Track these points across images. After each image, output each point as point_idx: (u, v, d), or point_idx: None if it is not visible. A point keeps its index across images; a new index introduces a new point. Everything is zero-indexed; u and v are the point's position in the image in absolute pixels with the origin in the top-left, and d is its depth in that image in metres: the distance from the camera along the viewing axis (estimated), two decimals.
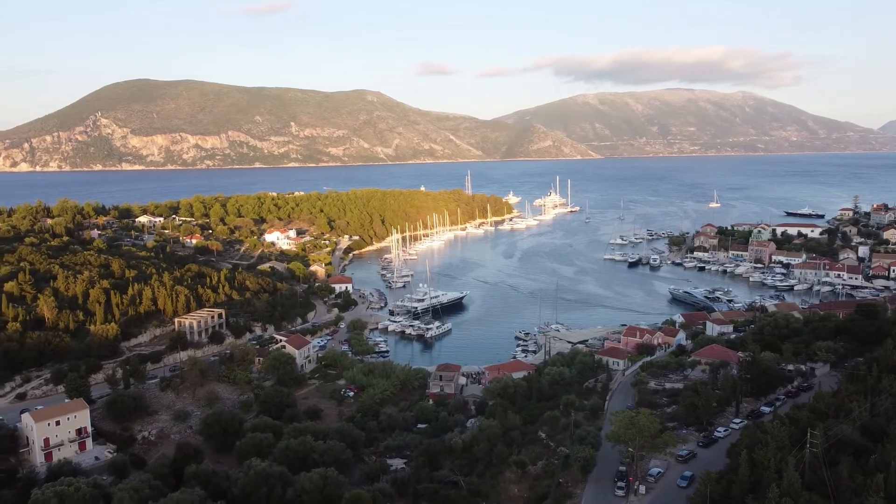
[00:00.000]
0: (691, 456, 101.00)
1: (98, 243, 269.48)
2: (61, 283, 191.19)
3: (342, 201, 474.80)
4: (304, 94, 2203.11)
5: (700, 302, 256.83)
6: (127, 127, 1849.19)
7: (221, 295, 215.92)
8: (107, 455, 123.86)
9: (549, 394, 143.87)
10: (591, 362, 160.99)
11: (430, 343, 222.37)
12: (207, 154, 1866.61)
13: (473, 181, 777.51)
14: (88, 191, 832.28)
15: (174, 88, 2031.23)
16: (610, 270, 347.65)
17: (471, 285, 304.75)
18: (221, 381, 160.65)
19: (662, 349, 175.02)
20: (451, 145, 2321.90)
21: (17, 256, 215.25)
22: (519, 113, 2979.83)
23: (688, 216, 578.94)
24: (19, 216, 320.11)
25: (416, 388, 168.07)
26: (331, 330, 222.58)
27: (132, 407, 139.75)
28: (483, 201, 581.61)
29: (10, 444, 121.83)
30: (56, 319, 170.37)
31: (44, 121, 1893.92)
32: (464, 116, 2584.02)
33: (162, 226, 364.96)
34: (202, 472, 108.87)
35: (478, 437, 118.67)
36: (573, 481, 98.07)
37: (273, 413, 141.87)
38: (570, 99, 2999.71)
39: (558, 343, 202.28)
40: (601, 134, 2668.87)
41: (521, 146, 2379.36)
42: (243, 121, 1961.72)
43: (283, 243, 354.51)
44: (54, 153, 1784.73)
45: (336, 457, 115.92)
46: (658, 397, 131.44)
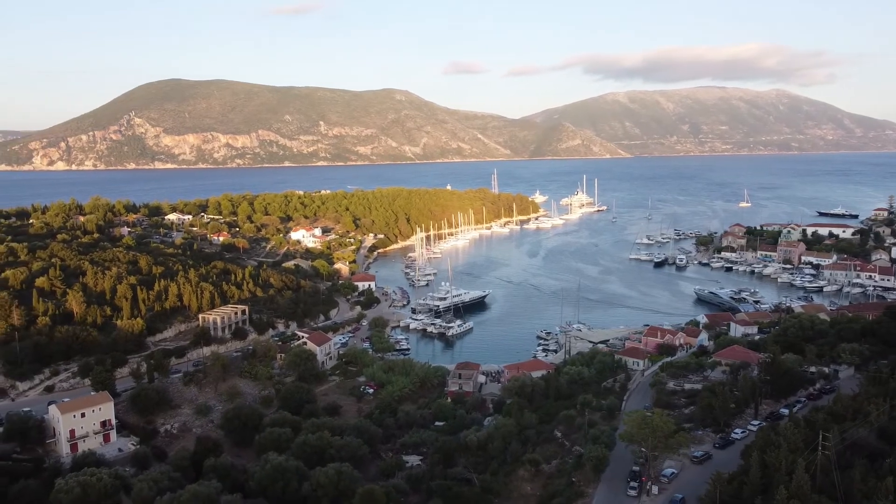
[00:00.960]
0: (706, 457, 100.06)
1: (127, 240, 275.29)
2: (90, 279, 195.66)
3: (368, 200, 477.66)
4: (333, 94, 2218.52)
5: (726, 303, 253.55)
6: (160, 126, 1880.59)
7: (245, 292, 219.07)
8: (130, 447, 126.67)
9: (566, 393, 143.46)
10: (610, 362, 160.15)
11: (451, 341, 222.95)
12: (238, 153, 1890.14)
13: (501, 180, 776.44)
14: (121, 188, 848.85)
15: (206, 88, 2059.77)
16: (635, 270, 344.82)
17: (494, 284, 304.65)
18: (243, 376, 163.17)
19: (684, 350, 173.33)
20: (479, 144, 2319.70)
21: (49, 252, 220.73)
22: (547, 111, 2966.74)
23: (717, 216, 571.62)
24: (53, 213, 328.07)
25: (435, 385, 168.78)
26: (353, 327, 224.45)
27: (155, 400, 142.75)
28: (509, 200, 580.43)
29: (37, 434, 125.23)
30: (84, 314, 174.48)
31: (79, 120, 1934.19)
32: (492, 115, 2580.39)
33: (190, 223, 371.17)
34: (220, 465, 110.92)
35: (493, 435, 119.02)
36: (586, 480, 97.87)
37: (293, 408, 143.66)
38: (599, 97, 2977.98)
39: (579, 343, 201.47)
40: (631, 133, 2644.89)
41: (549, 145, 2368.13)
42: (273, 120, 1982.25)
43: (309, 241, 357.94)
44: (89, 152, 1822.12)
45: (352, 452, 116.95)
46: (676, 398, 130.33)
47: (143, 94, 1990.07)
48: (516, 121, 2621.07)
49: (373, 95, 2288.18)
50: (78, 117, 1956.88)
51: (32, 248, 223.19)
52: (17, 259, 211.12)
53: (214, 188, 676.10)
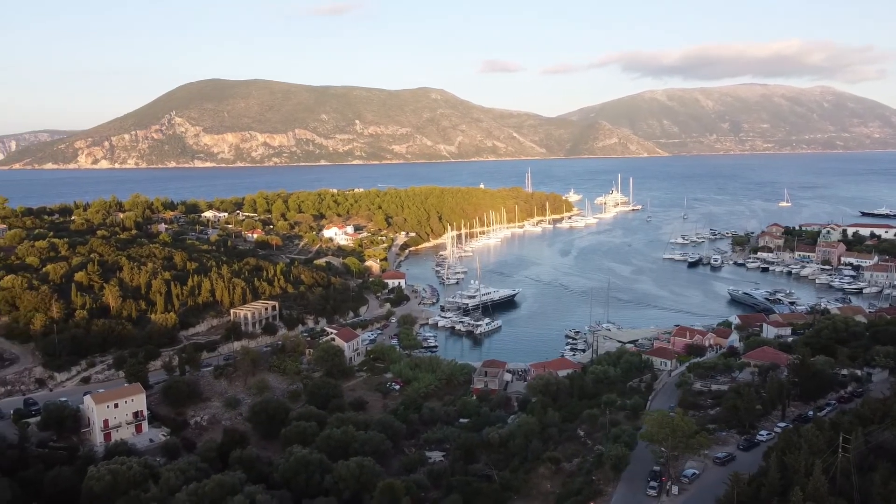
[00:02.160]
0: (730, 459, 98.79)
1: (164, 237, 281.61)
2: (126, 274, 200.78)
3: (400, 198, 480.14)
4: (369, 93, 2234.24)
5: (760, 304, 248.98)
6: (199, 125, 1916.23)
7: (277, 288, 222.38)
8: (161, 438, 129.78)
9: (591, 392, 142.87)
10: (637, 362, 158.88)
11: (479, 339, 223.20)
12: (275, 152, 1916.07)
13: (536, 179, 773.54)
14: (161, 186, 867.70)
15: (244, 88, 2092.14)
16: (668, 270, 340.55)
17: (524, 283, 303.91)
18: (272, 370, 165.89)
19: (713, 351, 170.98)
20: (514, 143, 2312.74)
21: (88, 248, 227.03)
22: (584, 110, 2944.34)
23: (755, 215, 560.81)
24: (94, 210, 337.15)
25: (461, 383, 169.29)
26: (381, 324, 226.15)
27: (186, 393, 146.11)
28: (542, 199, 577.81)
29: (73, 424, 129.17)
30: (120, 308, 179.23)
31: (122, 120, 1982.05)
32: (527, 114, 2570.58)
33: (226, 221, 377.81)
34: (246, 457, 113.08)
35: (514, 432, 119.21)
36: (605, 479, 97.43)
37: (319, 403, 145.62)
38: (637, 95, 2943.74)
39: (608, 342, 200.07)
40: (669, 131, 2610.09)
41: (585, 144, 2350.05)
42: (310, 119, 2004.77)
43: (341, 239, 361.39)
44: (132, 151, 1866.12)
45: (375, 447, 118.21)
46: (703, 399, 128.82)
47: (184, 94, 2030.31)
48: (552, 119, 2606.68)
49: (408, 94, 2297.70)
50: (121, 117, 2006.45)
51: (73, 244, 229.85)
52: (59, 254, 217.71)
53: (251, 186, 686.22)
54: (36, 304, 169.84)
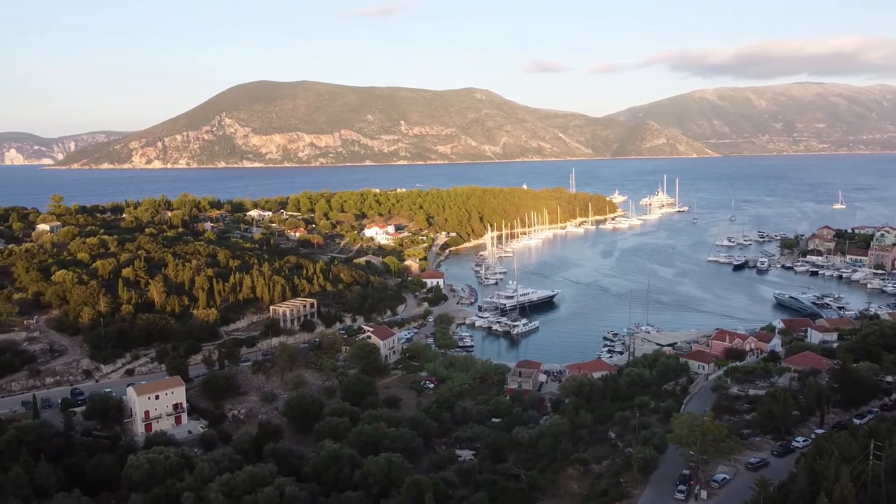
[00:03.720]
0: (763, 464, 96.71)
1: (209, 235, 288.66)
2: (171, 271, 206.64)
3: (442, 198, 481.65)
4: (414, 93, 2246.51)
5: (807, 308, 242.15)
6: (248, 126, 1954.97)
7: (316, 286, 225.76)
8: (199, 429, 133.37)
9: (625, 394, 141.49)
10: (673, 365, 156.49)
11: (516, 340, 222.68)
12: (321, 152, 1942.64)
13: (581, 179, 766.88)
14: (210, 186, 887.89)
15: (292, 89, 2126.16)
16: (713, 273, 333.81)
17: (564, 284, 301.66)
18: (309, 367, 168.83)
19: (754, 355, 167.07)
20: (559, 143, 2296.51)
21: (136, 245, 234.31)
22: (631, 110, 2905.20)
23: (806, 218, 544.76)
24: (143, 209, 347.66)
25: (495, 382, 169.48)
26: (418, 323, 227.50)
27: (225, 387, 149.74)
28: (585, 200, 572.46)
29: (116, 414, 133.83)
30: (164, 303, 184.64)
31: (175, 121, 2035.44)
32: (573, 114, 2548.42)
33: (270, 220, 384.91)
34: (279, 450, 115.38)
35: (544, 432, 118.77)
36: (633, 481, 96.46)
37: (354, 400, 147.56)
38: (686, 95, 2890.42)
39: (646, 345, 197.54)
40: (719, 131, 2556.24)
41: (632, 144, 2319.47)
42: (355, 120, 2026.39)
43: (382, 238, 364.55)
44: (183, 151, 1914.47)
45: (406, 444, 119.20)
46: (739, 403, 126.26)
47: (234, 96, 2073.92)
48: (599, 119, 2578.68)
49: (453, 95, 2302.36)
50: (173, 118, 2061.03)
51: (122, 241, 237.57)
52: (108, 251, 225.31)
53: (297, 186, 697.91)
54: (85, 298, 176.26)
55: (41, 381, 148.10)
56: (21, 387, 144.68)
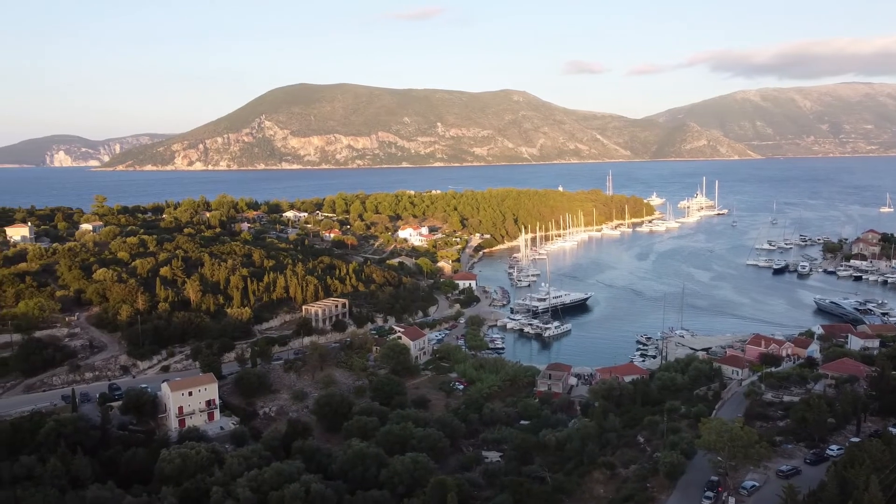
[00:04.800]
0: (794, 472, 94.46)
1: (245, 235, 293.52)
2: (207, 270, 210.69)
3: (476, 200, 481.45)
4: (451, 95, 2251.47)
5: (849, 314, 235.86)
6: (287, 128, 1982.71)
7: (348, 286, 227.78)
8: (231, 426, 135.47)
9: (656, 399, 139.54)
10: (706, 369, 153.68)
11: (547, 342, 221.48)
12: (358, 154, 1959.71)
13: (619, 181, 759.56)
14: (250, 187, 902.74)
15: (330, 92, 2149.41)
16: (751, 277, 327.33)
17: (597, 287, 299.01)
18: (339, 366, 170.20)
19: (790, 361, 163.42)
20: (597, 145, 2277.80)
21: (174, 245, 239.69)
22: (671, 111, 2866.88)
23: (851, 221, 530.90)
24: (183, 209, 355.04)
25: (525, 385, 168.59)
26: (450, 324, 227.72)
27: (257, 384, 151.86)
28: (622, 202, 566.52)
29: (151, 409, 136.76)
30: (199, 302, 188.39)
31: (216, 123, 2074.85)
32: (612, 115, 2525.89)
33: (305, 221, 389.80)
34: (307, 448, 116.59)
35: (572, 435, 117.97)
36: (660, 487, 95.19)
37: (383, 399, 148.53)
38: (728, 95, 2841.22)
39: (680, 349, 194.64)
40: (762, 133, 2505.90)
41: (672, 146, 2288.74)
42: (392, 122, 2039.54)
43: (415, 239, 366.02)
44: (224, 153, 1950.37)
45: (433, 444, 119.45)
46: (773, 410, 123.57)
47: (273, 99, 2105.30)
48: (638, 121, 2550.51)
49: (490, 96, 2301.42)
50: (214, 121, 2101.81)
51: (161, 241, 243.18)
52: (147, 250, 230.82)
53: (333, 187, 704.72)
54: (124, 296, 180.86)
55: (81, 375, 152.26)
56: (62, 381, 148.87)
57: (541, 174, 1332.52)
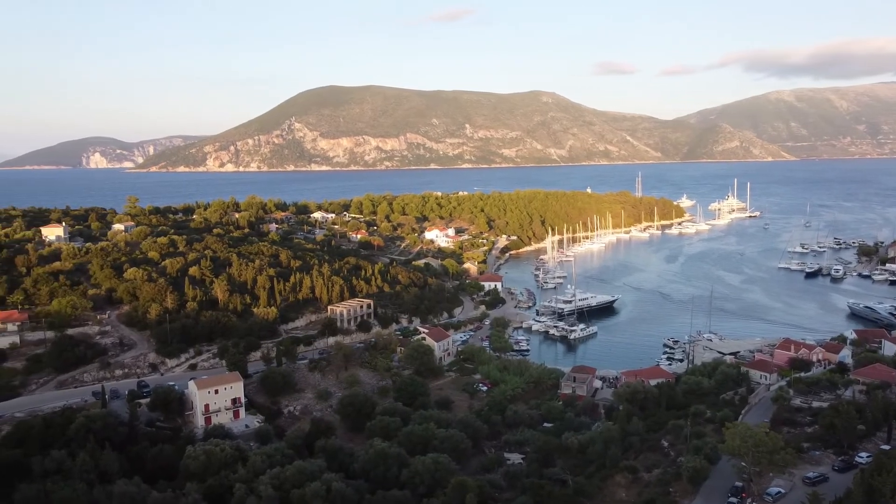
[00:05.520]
0: (821, 479, 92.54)
1: (273, 235, 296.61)
2: (235, 270, 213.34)
3: (503, 201, 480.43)
4: (480, 97, 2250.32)
5: (884, 319, 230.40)
6: (317, 130, 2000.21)
7: (374, 286, 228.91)
8: (256, 424, 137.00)
9: (681, 403, 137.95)
10: (733, 374, 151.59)
11: (573, 345, 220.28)
12: (387, 155, 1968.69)
13: (648, 183, 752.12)
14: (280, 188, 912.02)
15: (359, 94, 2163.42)
16: (783, 280, 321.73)
17: (624, 290, 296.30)
18: (363, 366, 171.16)
19: (821, 366, 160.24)
20: (627, 146, 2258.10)
21: (203, 245, 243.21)
22: (703, 112, 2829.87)
23: (889, 224, 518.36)
24: (212, 210, 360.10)
25: (549, 387, 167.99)
26: (475, 326, 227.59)
27: (282, 383, 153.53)
28: (651, 204, 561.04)
29: (178, 406, 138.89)
30: (227, 301, 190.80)
31: (247, 126, 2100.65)
32: (642, 116, 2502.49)
33: (332, 221, 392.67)
34: (330, 447, 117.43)
35: (594, 438, 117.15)
36: (682, 491, 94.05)
37: (406, 400, 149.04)
38: (761, 96, 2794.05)
39: (708, 353, 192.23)
40: (797, 134, 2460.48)
41: (704, 147, 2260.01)
42: (420, 123, 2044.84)
43: (442, 241, 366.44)
44: (254, 155, 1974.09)
45: (455, 445, 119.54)
46: (801, 415, 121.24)
47: (303, 101, 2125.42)
48: (668, 122, 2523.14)
49: (519, 98, 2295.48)
50: (245, 123, 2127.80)
51: (190, 241, 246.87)
52: (177, 250, 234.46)
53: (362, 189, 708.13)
54: (153, 295, 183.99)
55: (111, 372, 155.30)
56: (92, 378, 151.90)
57: (569, 176, 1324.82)
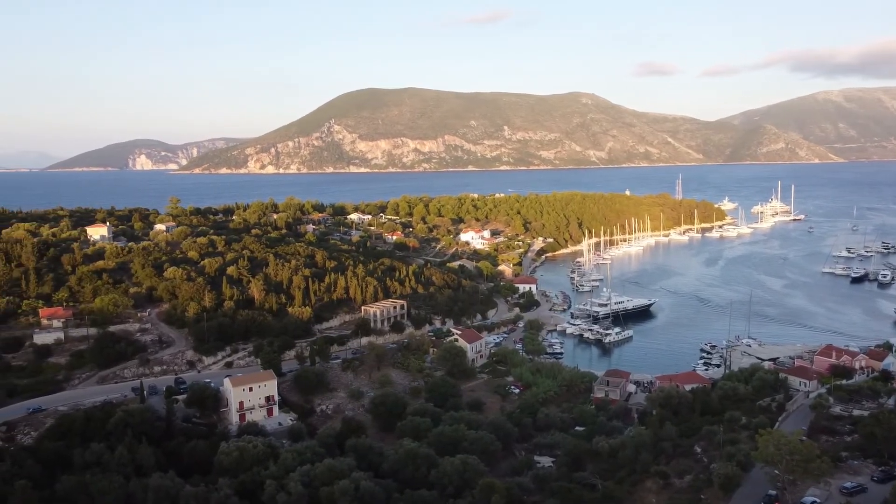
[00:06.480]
0: (859, 490, 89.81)
1: (309, 236, 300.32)
2: (272, 270, 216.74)
3: (540, 203, 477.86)
4: (518, 98, 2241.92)
5: None
6: (356, 132, 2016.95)
7: (407, 288, 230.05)
8: (289, 422, 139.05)
9: (716, 409, 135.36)
10: (771, 380, 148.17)
11: (608, 348, 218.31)
12: (425, 157, 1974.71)
13: (689, 186, 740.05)
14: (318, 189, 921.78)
15: (398, 96, 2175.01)
16: (827, 285, 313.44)
17: (662, 293, 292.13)
18: (396, 366, 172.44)
19: (864, 374, 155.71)
20: (668, 148, 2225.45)
21: (241, 245, 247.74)
22: (747, 113, 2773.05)
23: None
24: (251, 211, 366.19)
25: (582, 391, 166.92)
26: (508, 328, 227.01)
27: (315, 382, 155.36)
28: (691, 206, 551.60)
29: (213, 403, 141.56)
30: (263, 300, 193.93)
31: (287, 128, 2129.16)
32: (684, 117, 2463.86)
33: (369, 223, 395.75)
34: (360, 445, 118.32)
35: (626, 443, 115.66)
36: (714, 499, 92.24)
37: (437, 401, 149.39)
38: (808, 97, 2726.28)
39: (746, 358, 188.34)
40: (845, 135, 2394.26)
41: (747, 149, 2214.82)
42: (459, 125, 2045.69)
43: (477, 243, 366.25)
44: (294, 157, 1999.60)
45: (484, 447, 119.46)
46: (841, 424, 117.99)
47: (342, 103, 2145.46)
48: (711, 123, 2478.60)
49: (558, 99, 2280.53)
50: (286, 125, 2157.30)
51: (229, 241, 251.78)
52: (216, 250, 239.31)
53: (399, 190, 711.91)
54: (192, 293, 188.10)
55: (150, 369, 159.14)
56: (132, 374, 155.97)
57: (609, 178, 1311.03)
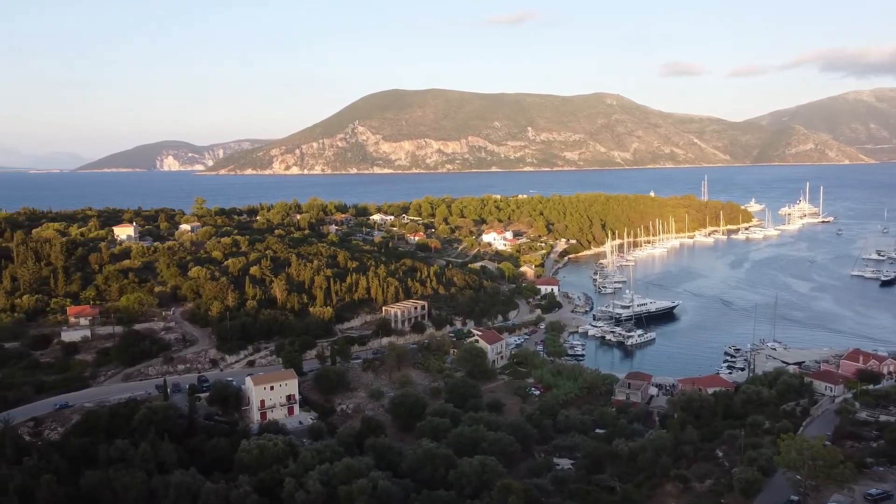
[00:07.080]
0: (884, 496, 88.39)
1: (332, 237, 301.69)
2: (294, 270, 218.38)
3: (563, 205, 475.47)
4: (542, 99, 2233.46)
5: None
6: (379, 134, 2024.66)
7: (429, 288, 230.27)
8: (309, 421, 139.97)
9: (739, 413, 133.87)
10: (796, 384, 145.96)
11: (630, 351, 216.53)
12: (448, 158, 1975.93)
13: (715, 187, 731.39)
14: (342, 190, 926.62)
15: (422, 97, 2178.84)
16: (856, 289, 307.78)
17: (686, 296, 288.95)
18: (416, 367, 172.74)
19: (891, 379, 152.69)
20: (694, 149, 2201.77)
21: (264, 245, 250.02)
22: (775, 114, 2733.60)
23: None
24: (275, 211, 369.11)
25: (603, 393, 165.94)
26: (530, 329, 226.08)
27: (335, 382, 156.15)
28: (716, 208, 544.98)
29: (235, 401, 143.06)
30: (285, 300, 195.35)
31: (311, 129, 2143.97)
32: (710, 118, 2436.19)
33: (391, 224, 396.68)
34: (379, 445, 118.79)
35: (646, 446, 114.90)
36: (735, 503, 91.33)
37: (457, 402, 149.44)
38: (839, 97, 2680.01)
39: (770, 362, 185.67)
40: (877, 135, 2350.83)
41: (776, 150, 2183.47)
42: (482, 126, 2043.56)
43: (499, 244, 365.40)
44: (319, 158, 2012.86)
45: (503, 448, 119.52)
46: (867, 429, 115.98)
47: (366, 105, 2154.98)
48: (738, 124, 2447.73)
49: (582, 100, 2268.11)
50: (310, 126, 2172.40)
51: (252, 241, 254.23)
52: (239, 250, 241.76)
53: (422, 191, 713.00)
54: (215, 293, 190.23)
55: (173, 367, 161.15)
56: (156, 371, 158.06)
57: (634, 179, 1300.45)
